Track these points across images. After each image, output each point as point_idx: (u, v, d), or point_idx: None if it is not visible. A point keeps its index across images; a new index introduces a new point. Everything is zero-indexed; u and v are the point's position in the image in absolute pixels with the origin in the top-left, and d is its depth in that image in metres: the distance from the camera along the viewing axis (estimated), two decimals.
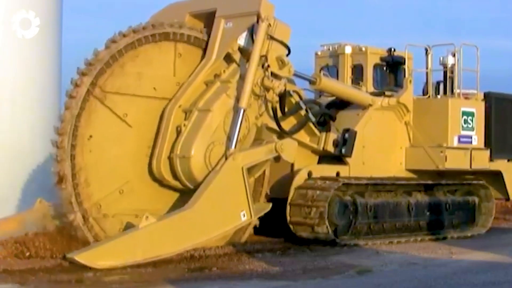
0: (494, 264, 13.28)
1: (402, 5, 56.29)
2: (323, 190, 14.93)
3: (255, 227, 15.03)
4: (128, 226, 13.41)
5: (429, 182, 17.09)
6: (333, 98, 17.11)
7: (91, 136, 13.41)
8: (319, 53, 18.43)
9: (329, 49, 18.30)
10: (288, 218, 15.10)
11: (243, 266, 12.74)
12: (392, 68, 17.94)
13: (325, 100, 17.29)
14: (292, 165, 15.52)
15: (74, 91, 13.22)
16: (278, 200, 15.19)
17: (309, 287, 11.25)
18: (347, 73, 17.81)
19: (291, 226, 15.15)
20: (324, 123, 16.01)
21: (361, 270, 12.39)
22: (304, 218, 14.91)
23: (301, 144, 15.37)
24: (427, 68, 17.57)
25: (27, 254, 12.80)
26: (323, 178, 15.37)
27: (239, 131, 13.83)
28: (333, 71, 17.82)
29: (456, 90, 17.48)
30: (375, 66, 17.79)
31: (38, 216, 14.01)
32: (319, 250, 14.56)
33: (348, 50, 17.83)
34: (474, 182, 17.88)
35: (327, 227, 14.72)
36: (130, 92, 13.89)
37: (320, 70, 17.48)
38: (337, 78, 17.63)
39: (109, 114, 13.64)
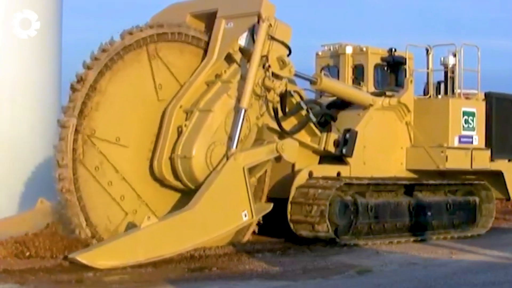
0: (494, 264, 13.28)
1: (403, 5, 56.35)
2: (324, 189, 14.93)
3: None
4: (129, 227, 13.41)
5: (430, 182, 17.08)
6: (334, 98, 17.13)
7: (123, 77, 13.53)
8: (319, 53, 18.44)
9: (329, 49, 18.32)
10: (289, 216, 15.10)
11: (243, 266, 12.74)
12: (392, 68, 17.95)
13: (326, 100, 17.30)
14: (293, 165, 15.52)
15: (129, 36, 13.52)
16: (278, 200, 15.19)
17: (309, 287, 11.25)
18: (348, 73, 17.82)
19: (291, 225, 15.14)
20: (324, 123, 16.03)
21: (361, 270, 12.39)
22: (305, 216, 14.90)
23: (302, 144, 15.36)
24: (427, 68, 17.58)
25: (27, 254, 12.76)
26: (325, 178, 15.37)
27: (240, 131, 13.83)
28: (333, 71, 17.82)
29: (457, 90, 17.50)
30: (376, 66, 17.80)
31: (39, 216, 14.01)
32: (319, 250, 14.56)
33: (349, 50, 17.85)
34: (475, 182, 17.88)
35: (327, 225, 14.72)
36: (175, 73, 14.20)
37: (321, 70, 17.49)
38: (338, 78, 17.64)
39: (148, 74, 13.82)
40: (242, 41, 14.54)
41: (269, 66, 14.36)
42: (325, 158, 16.22)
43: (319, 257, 13.73)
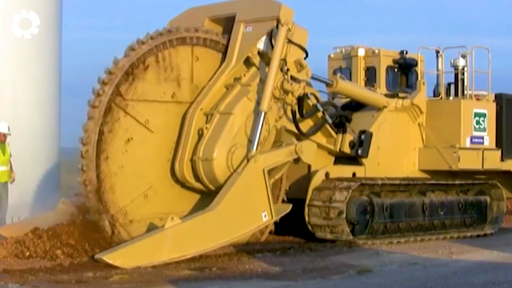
0: (494, 264, 13.29)
1: (412, 5, 56.67)
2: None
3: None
4: (151, 228, 13.61)
5: (447, 182, 17.30)
6: (347, 100, 17.36)
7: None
8: (332, 55, 18.64)
9: (342, 51, 18.51)
10: (307, 201, 15.39)
11: (243, 266, 12.75)
12: (404, 70, 18.16)
13: (339, 102, 17.52)
14: (309, 166, 15.73)
15: (166, 35, 14.15)
16: (293, 200, 15.40)
17: (309, 287, 11.23)
18: (360, 75, 18.03)
19: (306, 209, 15.37)
20: (339, 125, 16.23)
21: (361, 270, 12.41)
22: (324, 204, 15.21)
23: (318, 145, 15.54)
24: (438, 70, 17.82)
25: (27, 254, 12.82)
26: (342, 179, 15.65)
27: (260, 134, 14.02)
28: (346, 73, 17.95)
29: (468, 92, 17.73)
30: (387, 68, 18.01)
31: (61, 217, 14.04)
32: (319, 250, 14.63)
33: (361, 52, 18.04)
34: (487, 182, 18.11)
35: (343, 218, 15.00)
36: None
37: (334, 72, 17.66)
38: (350, 80, 17.86)
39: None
40: (261, 44, 14.77)
41: (287, 69, 14.59)
42: (340, 158, 16.45)
43: (319, 257, 13.78)
